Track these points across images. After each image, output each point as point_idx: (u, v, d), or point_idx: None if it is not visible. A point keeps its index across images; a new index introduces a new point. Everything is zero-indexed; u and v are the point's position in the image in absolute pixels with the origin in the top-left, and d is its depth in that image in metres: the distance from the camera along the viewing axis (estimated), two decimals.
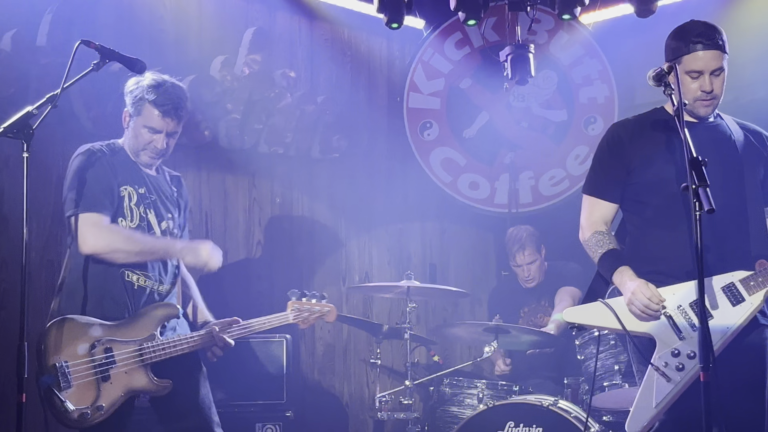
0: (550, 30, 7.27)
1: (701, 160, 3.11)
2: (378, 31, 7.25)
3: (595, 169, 3.86)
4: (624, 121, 3.88)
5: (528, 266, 6.17)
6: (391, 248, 7.26)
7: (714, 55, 3.56)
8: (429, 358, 6.54)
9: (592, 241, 3.73)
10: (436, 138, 7.32)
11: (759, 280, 3.48)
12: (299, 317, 4.44)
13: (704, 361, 3.01)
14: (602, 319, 3.68)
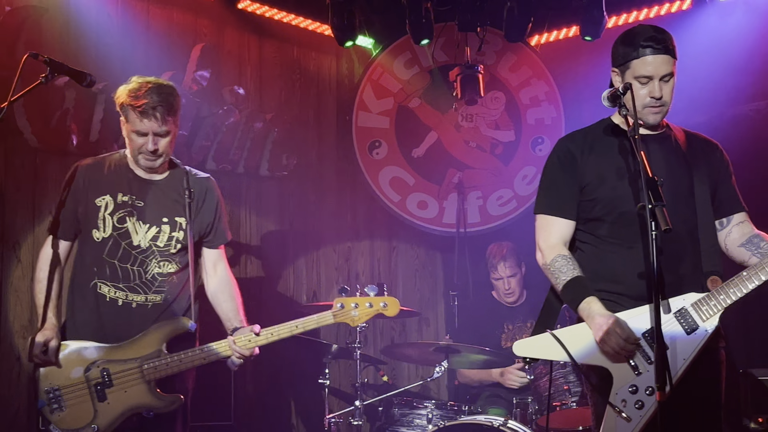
0: (499, 51, 7.32)
1: (658, 180, 3.08)
2: (327, 49, 7.24)
3: (547, 187, 3.70)
4: (572, 135, 3.74)
5: (509, 279, 6.09)
6: (340, 267, 7.22)
7: (664, 59, 3.45)
8: (378, 378, 6.48)
9: (555, 266, 3.54)
10: (385, 157, 7.31)
11: (711, 303, 3.38)
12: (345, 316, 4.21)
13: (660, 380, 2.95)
14: (552, 351, 3.54)
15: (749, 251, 3.56)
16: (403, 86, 7.36)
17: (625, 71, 3.49)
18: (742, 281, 3.35)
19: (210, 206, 4.32)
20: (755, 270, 3.35)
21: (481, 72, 6.69)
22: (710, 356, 3.48)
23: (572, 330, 3.55)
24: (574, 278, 3.50)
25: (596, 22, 6.35)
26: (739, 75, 6.34)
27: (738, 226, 3.64)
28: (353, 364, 5.70)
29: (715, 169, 3.65)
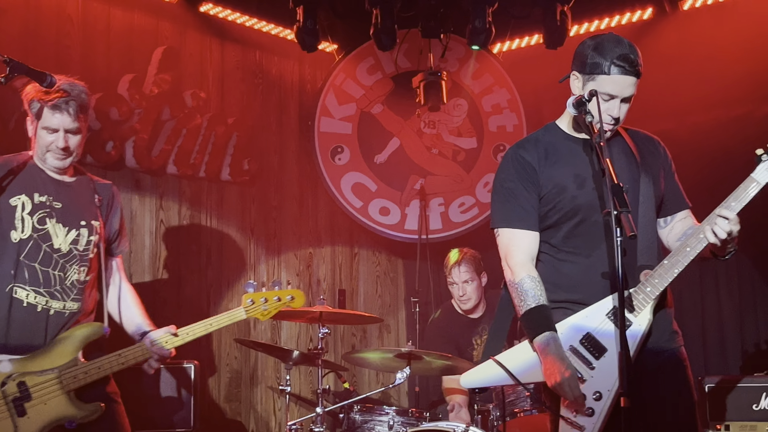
0: (461, 58, 7.34)
1: (623, 186, 3.09)
2: (289, 54, 7.21)
3: (506, 199, 3.57)
4: (523, 144, 3.63)
5: (463, 284, 5.99)
6: (301, 273, 7.18)
7: (631, 81, 3.39)
8: (339, 385, 6.45)
9: (523, 287, 3.46)
10: (347, 163, 7.29)
11: (640, 297, 3.35)
12: (255, 311, 4.18)
13: (624, 386, 2.96)
14: (498, 377, 3.50)
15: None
16: (366, 92, 7.35)
17: (589, 81, 3.42)
18: (665, 270, 3.34)
19: (117, 213, 4.23)
20: (675, 257, 3.34)
21: (444, 78, 6.70)
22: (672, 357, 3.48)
23: (516, 351, 3.52)
24: (539, 306, 3.43)
25: (559, 32, 6.40)
26: (699, 84, 6.41)
27: (680, 223, 3.64)
28: (314, 371, 5.66)
29: (659, 165, 3.63)
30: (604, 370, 3.35)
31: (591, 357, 3.38)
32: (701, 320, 6.44)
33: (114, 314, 4.24)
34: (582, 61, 3.45)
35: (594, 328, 3.40)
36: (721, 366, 6.34)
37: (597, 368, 3.37)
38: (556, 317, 3.47)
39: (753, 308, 6.35)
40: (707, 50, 6.38)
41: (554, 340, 3.38)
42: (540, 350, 3.39)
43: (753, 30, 6.25)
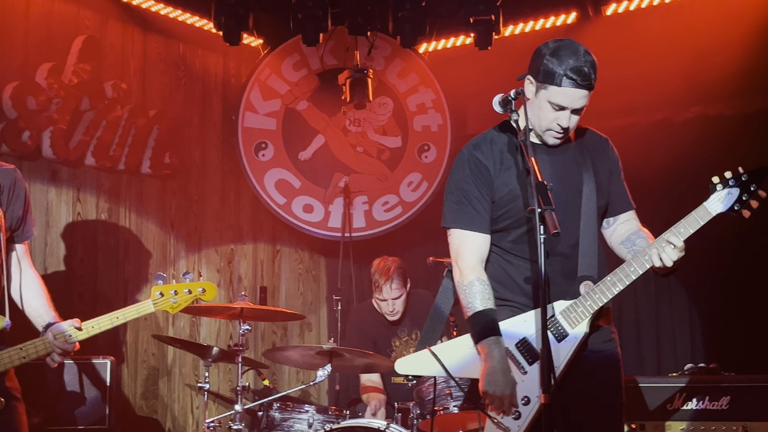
0: (388, 57, 7.34)
1: (547, 184, 3.09)
2: (214, 47, 7.13)
3: (461, 201, 3.53)
4: (478, 144, 3.58)
5: (393, 301, 5.87)
6: (222, 269, 7.09)
7: (584, 94, 3.37)
8: (259, 383, 6.39)
9: (472, 290, 3.44)
10: (271, 159, 7.23)
11: (579, 310, 3.36)
12: (165, 303, 4.06)
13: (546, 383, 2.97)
14: (433, 367, 3.51)
15: (626, 248, 3.56)
16: (291, 88, 7.29)
17: (541, 89, 3.38)
18: (607, 286, 3.34)
19: (19, 199, 4.02)
20: (618, 275, 3.34)
21: (370, 76, 6.68)
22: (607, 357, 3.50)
23: (451, 345, 3.53)
24: (486, 310, 3.42)
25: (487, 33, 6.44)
26: (620, 89, 6.49)
27: (623, 224, 3.63)
28: (234, 368, 5.59)
29: (608, 168, 3.63)
30: (536, 376, 3.35)
31: (524, 362, 3.40)
32: (618, 321, 6.50)
33: (18, 304, 4.08)
34: (537, 66, 3.40)
35: (531, 334, 3.41)
36: (637, 366, 6.45)
37: (529, 373, 3.38)
38: (503, 314, 3.48)
39: (669, 310, 6.47)
40: (629, 55, 6.47)
41: (498, 346, 3.38)
42: (483, 354, 3.40)
43: (673, 36, 6.38)
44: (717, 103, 6.41)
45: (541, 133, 3.48)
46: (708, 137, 6.32)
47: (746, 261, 6.06)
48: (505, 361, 3.37)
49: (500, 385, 3.33)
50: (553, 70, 3.33)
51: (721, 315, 6.25)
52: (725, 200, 3.27)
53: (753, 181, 3.27)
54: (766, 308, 6.07)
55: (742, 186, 3.27)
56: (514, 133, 3.54)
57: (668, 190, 6.33)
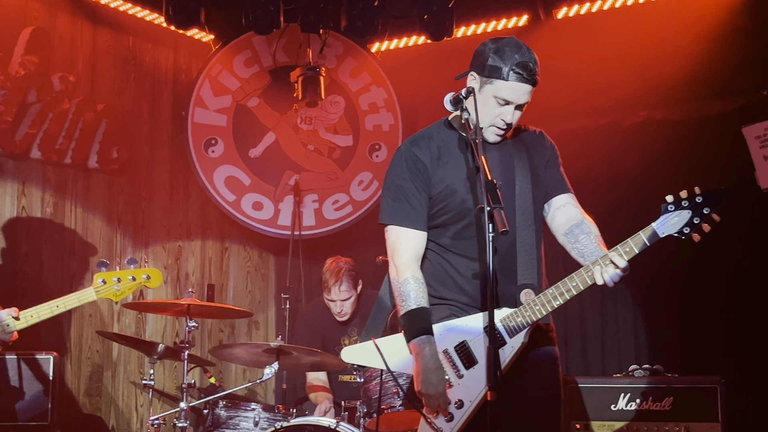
0: (340, 55, 7.33)
1: (496, 183, 3.10)
2: (164, 42, 7.07)
3: (398, 198, 3.53)
4: (416, 141, 3.59)
5: (342, 302, 5.88)
6: (169, 266, 7.02)
7: (528, 90, 3.40)
8: (205, 380, 6.34)
9: (407, 288, 3.44)
10: (221, 155, 7.18)
11: (519, 320, 3.33)
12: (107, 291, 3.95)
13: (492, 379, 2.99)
14: (375, 359, 3.52)
15: (570, 243, 3.52)
16: (243, 85, 7.25)
17: (486, 84, 3.40)
18: (548, 299, 3.32)
19: None
20: (561, 288, 3.31)
21: (322, 74, 6.67)
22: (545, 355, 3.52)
23: (396, 339, 3.52)
24: (419, 309, 3.42)
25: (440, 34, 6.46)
26: (568, 92, 6.55)
27: (561, 210, 3.59)
28: (180, 366, 5.54)
29: (543, 160, 3.63)
30: (471, 381, 3.38)
31: (461, 365, 3.41)
32: (564, 322, 6.59)
33: None
34: (481, 62, 3.42)
35: (470, 339, 3.41)
36: (582, 367, 6.52)
37: (465, 377, 3.39)
38: (442, 313, 3.49)
39: (614, 312, 6.54)
40: (578, 59, 6.54)
41: (430, 345, 3.39)
42: (415, 353, 3.41)
43: (622, 41, 6.45)
44: (664, 108, 6.49)
45: (485, 131, 3.48)
46: (654, 141, 6.41)
47: (689, 264, 6.15)
48: (436, 359, 3.38)
49: (433, 383, 3.34)
50: (500, 65, 3.36)
51: (665, 317, 6.34)
52: (676, 222, 3.15)
53: (707, 204, 3.13)
54: (709, 311, 6.17)
55: (695, 208, 3.14)
56: (453, 130, 3.58)
57: (612, 192, 6.41)
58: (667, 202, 3.18)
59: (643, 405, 5.48)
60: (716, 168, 6.07)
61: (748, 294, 6.04)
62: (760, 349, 5.91)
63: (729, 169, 6.07)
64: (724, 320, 6.12)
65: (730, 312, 6.10)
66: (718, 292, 6.16)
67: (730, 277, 6.10)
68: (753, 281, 6.01)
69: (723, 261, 6.10)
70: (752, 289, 6.02)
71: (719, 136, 6.21)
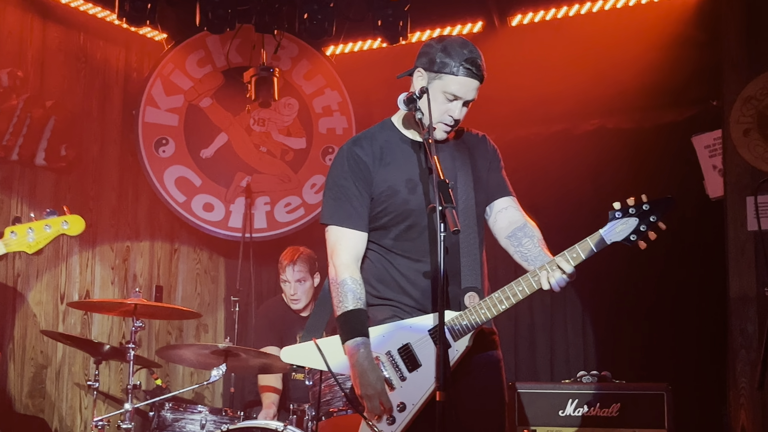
0: (294, 57, 7.29)
1: (449, 182, 3.09)
2: (116, 40, 6.99)
3: (337, 197, 3.50)
4: (358, 140, 3.59)
5: (296, 283, 5.92)
6: (117, 267, 6.92)
7: (476, 85, 3.40)
8: (151, 382, 6.25)
9: (344, 288, 3.41)
10: (172, 155, 7.10)
11: (464, 323, 3.32)
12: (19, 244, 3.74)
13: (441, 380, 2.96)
14: (316, 360, 3.49)
15: (513, 246, 3.52)
16: (195, 84, 7.18)
17: (435, 79, 3.40)
18: (494, 303, 3.31)
19: None
20: (507, 293, 3.30)
21: (276, 75, 6.63)
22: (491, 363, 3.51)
23: (337, 340, 3.48)
24: (356, 310, 3.39)
25: (395, 38, 6.46)
26: (522, 99, 6.60)
27: (503, 213, 3.59)
28: (126, 368, 5.46)
29: (485, 162, 3.63)
30: (414, 384, 3.35)
31: (405, 368, 3.39)
32: (514, 327, 6.61)
33: None
34: (429, 59, 3.43)
35: (414, 341, 3.39)
36: (531, 372, 6.54)
37: (408, 380, 3.37)
38: (384, 314, 3.47)
39: (563, 317, 6.57)
40: (532, 66, 6.58)
41: (365, 347, 3.37)
42: (349, 354, 3.38)
43: (576, 49, 6.49)
44: (616, 117, 6.55)
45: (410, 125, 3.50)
46: (606, 149, 6.47)
47: (638, 272, 6.20)
48: (371, 360, 3.36)
49: (371, 383, 3.32)
50: (449, 61, 3.38)
51: (614, 324, 6.38)
52: (623, 229, 3.19)
53: (654, 212, 3.18)
54: (658, 318, 6.23)
55: (642, 216, 3.19)
56: (395, 131, 3.58)
57: (564, 199, 6.44)
58: (614, 209, 3.22)
59: (590, 411, 5.50)
60: (666, 176, 6.13)
61: (696, 302, 6.11)
62: (707, 357, 5.97)
63: (679, 177, 6.14)
64: (672, 327, 6.18)
65: (678, 319, 6.17)
66: (666, 299, 6.22)
67: (679, 284, 6.17)
68: (701, 289, 6.08)
69: (672, 269, 6.17)
70: (700, 297, 6.08)
71: (670, 145, 6.28)
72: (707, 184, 6.01)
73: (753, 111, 5.52)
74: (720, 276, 5.60)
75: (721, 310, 5.62)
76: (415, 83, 3.48)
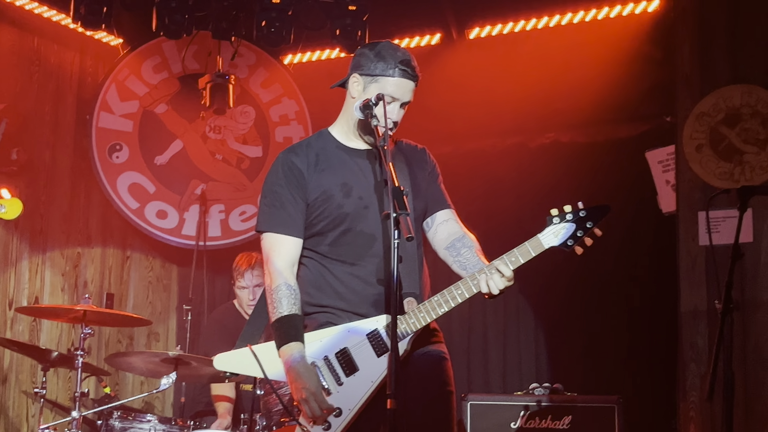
0: (252, 65, 7.26)
1: (403, 189, 3.08)
2: (71, 44, 6.92)
3: (272, 204, 3.50)
4: (294, 148, 3.60)
5: (255, 288, 5.85)
6: (67, 273, 6.82)
7: (411, 86, 3.44)
8: (100, 390, 6.16)
9: (278, 294, 3.40)
10: (126, 161, 7.02)
11: (402, 327, 3.30)
12: None
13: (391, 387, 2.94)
14: (251, 367, 3.47)
15: (452, 257, 3.54)
16: (151, 90, 7.12)
17: (371, 83, 3.43)
18: (433, 306, 3.31)
19: None
20: (446, 296, 3.31)
21: (232, 82, 6.59)
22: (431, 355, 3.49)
23: (273, 345, 3.46)
24: (290, 315, 3.39)
25: (354, 48, 6.44)
26: (477, 112, 6.64)
27: (443, 225, 3.61)
28: (74, 374, 5.37)
29: (424, 172, 3.64)
30: (351, 389, 3.34)
31: (342, 373, 3.37)
32: (467, 339, 6.62)
33: None
34: (364, 63, 3.46)
35: (352, 346, 3.37)
36: (484, 384, 6.54)
37: (345, 385, 3.35)
38: (320, 320, 3.46)
39: (516, 329, 6.60)
40: (489, 79, 6.62)
41: (299, 352, 3.36)
42: (284, 360, 3.37)
43: (532, 63, 6.55)
44: (571, 131, 6.60)
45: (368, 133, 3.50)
46: (561, 163, 6.51)
47: (592, 284, 6.25)
48: (306, 362, 3.34)
49: (306, 386, 3.29)
50: (385, 63, 3.42)
51: (567, 336, 6.42)
52: (560, 234, 3.24)
53: (590, 218, 3.24)
54: (610, 331, 6.27)
55: (579, 222, 3.24)
56: (331, 140, 3.60)
57: (520, 212, 6.46)
58: (552, 214, 3.27)
59: (542, 423, 5.51)
60: (620, 191, 6.18)
61: (649, 315, 6.16)
62: (658, 370, 6.02)
63: (633, 192, 6.19)
64: (625, 341, 6.23)
65: (631, 333, 6.22)
66: (619, 312, 6.27)
67: (632, 298, 6.22)
68: (653, 302, 6.13)
69: (625, 283, 6.23)
70: (653, 311, 6.13)
71: (624, 159, 6.33)
72: (660, 199, 6.07)
73: (705, 127, 5.58)
74: (672, 290, 5.65)
75: (673, 324, 5.67)
76: (352, 90, 3.51)
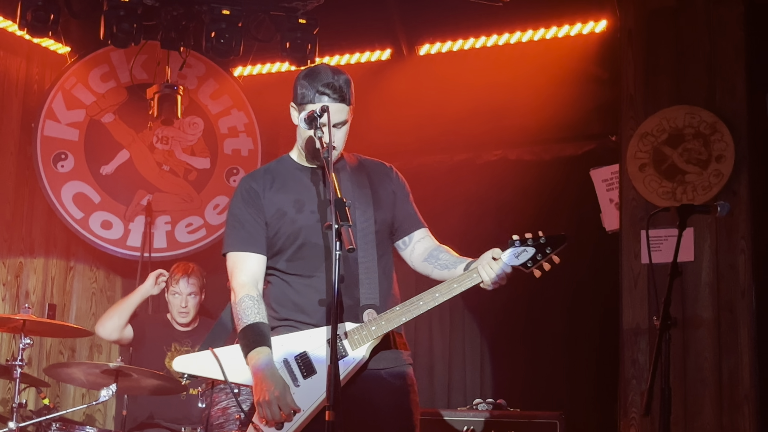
0: (201, 77, 7.23)
1: (346, 201, 3.11)
2: (17, 50, 6.84)
3: (234, 225, 3.63)
4: (253, 173, 3.75)
5: (188, 296, 5.89)
6: (8, 283, 6.71)
7: (339, 108, 3.47)
8: (39, 401, 6.06)
9: (242, 306, 3.48)
10: (71, 171, 6.94)
11: (363, 333, 3.41)
12: None
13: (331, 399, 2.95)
14: (212, 369, 3.52)
15: (431, 264, 3.65)
16: (98, 99, 7.04)
17: (302, 112, 3.49)
18: (394, 315, 3.41)
19: None
20: (407, 306, 3.41)
21: (180, 93, 6.55)
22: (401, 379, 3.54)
23: (236, 350, 3.53)
24: (256, 323, 3.47)
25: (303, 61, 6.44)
26: (427, 127, 6.68)
27: (420, 243, 3.72)
28: (12, 385, 5.27)
29: (390, 193, 3.72)
30: (306, 390, 3.40)
31: (299, 374, 3.44)
32: (413, 354, 6.59)
33: None
34: (296, 91, 3.56)
35: (311, 349, 3.44)
36: (428, 399, 6.54)
37: (301, 386, 3.42)
38: (282, 333, 3.52)
39: (462, 344, 6.62)
40: (438, 95, 6.66)
41: (266, 356, 3.42)
42: (252, 365, 3.43)
43: (481, 81, 6.60)
44: (518, 148, 6.66)
45: (314, 156, 3.59)
46: (507, 180, 6.56)
47: (535, 300, 6.30)
48: (273, 370, 3.40)
49: (270, 388, 3.33)
50: (307, 90, 3.49)
51: (511, 351, 6.46)
52: (520, 255, 3.40)
53: (549, 245, 3.40)
54: (554, 347, 6.33)
55: (538, 247, 3.40)
56: (290, 162, 3.70)
57: (468, 229, 6.49)
58: (513, 239, 3.42)
59: None
60: (566, 208, 6.26)
61: (591, 331, 6.22)
62: (601, 386, 6.08)
63: (578, 210, 6.27)
64: (568, 357, 6.29)
65: (574, 349, 6.28)
66: (562, 328, 6.33)
67: (574, 314, 6.28)
68: (596, 319, 6.19)
69: (569, 300, 6.29)
70: (594, 327, 6.20)
71: (569, 178, 6.41)
72: (604, 217, 6.15)
73: (649, 147, 5.67)
74: (615, 307, 5.72)
75: (616, 341, 5.73)
76: (292, 117, 3.61)
